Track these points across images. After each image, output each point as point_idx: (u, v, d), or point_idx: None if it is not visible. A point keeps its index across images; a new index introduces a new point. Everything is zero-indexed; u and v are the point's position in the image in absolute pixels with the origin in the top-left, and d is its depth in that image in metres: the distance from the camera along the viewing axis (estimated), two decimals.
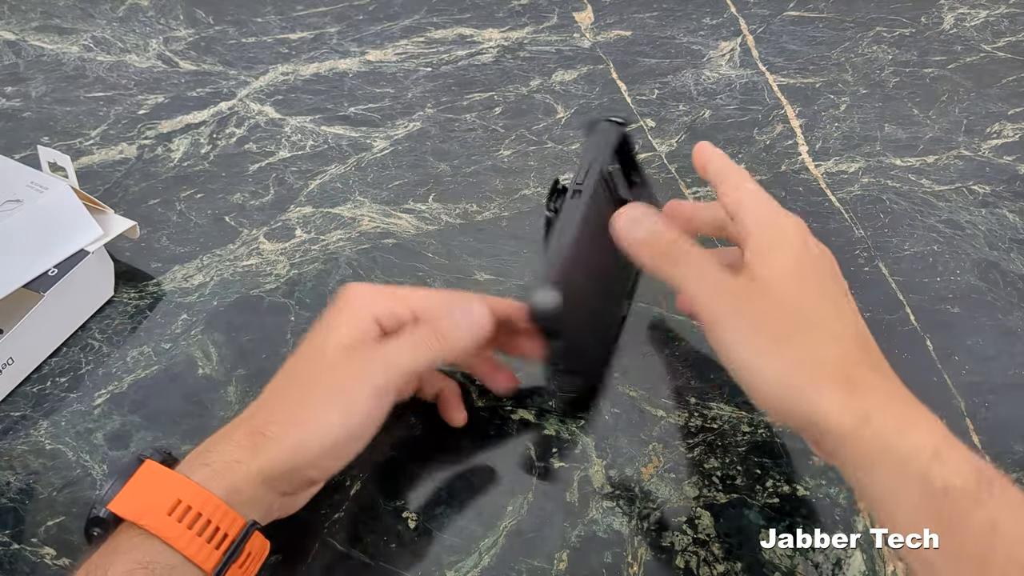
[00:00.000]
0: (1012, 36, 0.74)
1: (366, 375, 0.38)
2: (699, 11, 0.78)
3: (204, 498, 0.35)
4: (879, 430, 0.33)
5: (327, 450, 0.38)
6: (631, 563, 0.42)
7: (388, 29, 0.77)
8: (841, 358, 0.35)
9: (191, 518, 0.34)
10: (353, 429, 0.38)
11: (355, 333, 0.40)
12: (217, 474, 0.36)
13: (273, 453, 0.37)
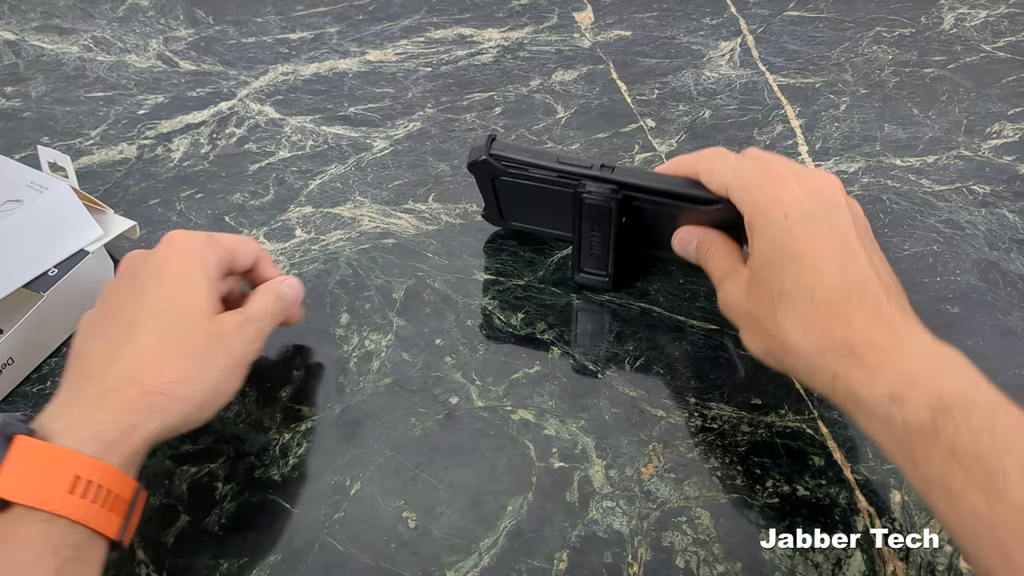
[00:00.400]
0: (1012, 36, 0.74)
1: (248, 346, 0.43)
2: (699, 11, 0.78)
3: (101, 470, 0.36)
4: (846, 387, 0.37)
5: (214, 410, 0.42)
6: (631, 563, 0.42)
7: (388, 29, 0.78)
8: (811, 316, 0.38)
9: (92, 492, 0.35)
10: (235, 390, 0.43)
11: (213, 295, 0.43)
12: (114, 444, 0.37)
13: (178, 412, 0.39)
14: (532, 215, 0.55)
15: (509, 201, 0.54)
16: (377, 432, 0.48)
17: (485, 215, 0.57)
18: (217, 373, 0.41)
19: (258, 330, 0.44)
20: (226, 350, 0.42)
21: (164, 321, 0.41)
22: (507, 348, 0.52)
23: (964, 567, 0.41)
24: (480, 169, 0.52)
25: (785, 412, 0.48)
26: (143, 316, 0.41)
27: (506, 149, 0.51)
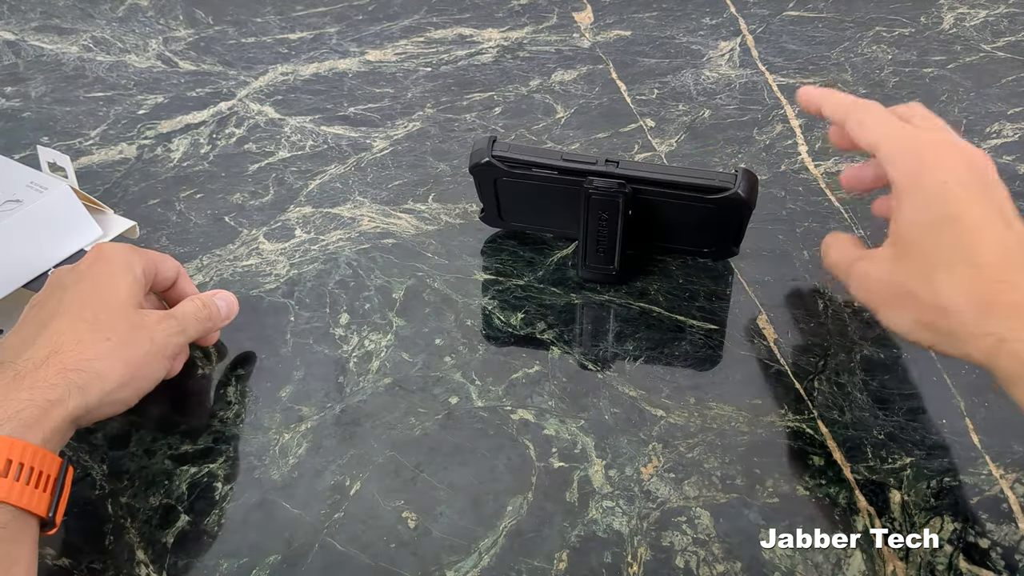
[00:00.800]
0: (1012, 36, 0.74)
1: (170, 338, 0.45)
2: (699, 11, 0.78)
3: (21, 448, 0.36)
4: (1014, 350, 0.35)
5: (136, 393, 0.43)
6: (631, 563, 0.42)
7: (388, 29, 0.78)
8: (970, 279, 0.37)
9: (24, 473, 0.36)
10: (159, 377, 0.45)
11: (136, 293, 0.45)
12: (32, 422, 0.37)
13: (97, 389, 0.40)
14: (534, 214, 0.55)
15: (510, 201, 0.55)
16: (377, 432, 0.48)
17: (483, 217, 0.57)
18: (137, 355, 0.42)
19: (180, 326, 0.46)
20: (147, 336, 0.43)
21: (83, 311, 0.42)
22: (507, 348, 0.52)
23: (964, 566, 0.41)
24: (483, 171, 0.52)
25: (785, 412, 0.48)
26: (62, 308, 0.42)
27: (509, 150, 0.51)
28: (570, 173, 0.50)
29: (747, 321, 0.53)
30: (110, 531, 0.44)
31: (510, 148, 0.52)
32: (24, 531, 0.36)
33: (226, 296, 0.50)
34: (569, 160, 0.50)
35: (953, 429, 0.47)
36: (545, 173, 0.51)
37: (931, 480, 0.44)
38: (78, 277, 0.44)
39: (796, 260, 0.56)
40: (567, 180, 0.50)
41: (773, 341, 0.51)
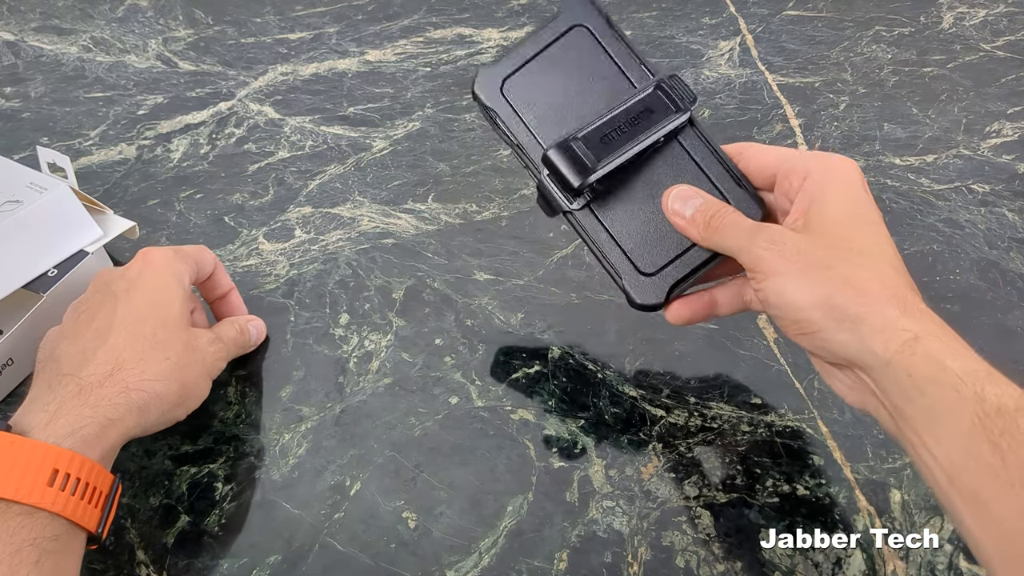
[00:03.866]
0: (1011, 35, 0.74)
1: (216, 362, 0.47)
2: (698, 11, 0.78)
3: (80, 463, 0.36)
4: (930, 351, 0.33)
5: (187, 409, 0.44)
6: (631, 563, 0.42)
7: (387, 29, 0.77)
8: (893, 280, 0.35)
9: (71, 484, 0.36)
10: (205, 396, 0.45)
11: (186, 307, 0.46)
12: (92, 438, 0.38)
13: (157, 409, 0.41)
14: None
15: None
16: (377, 432, 0.48)
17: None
18: (192, 376, 0.44)
19: (225, 350, 0.48)
20: (200, 358, 0.45)
21: (142, 327, 0.42)
22: (507, 348, 0.52)
23: (964, 566, 0.41)
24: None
25: (785, 412, 0.48)
26: (119, 321, 0.42)
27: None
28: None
29: (747, 321, 0.53)
30: (111, 531, 0.44)
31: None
32: (73, 544, 0.37)
33: (258, 325, 0.52)
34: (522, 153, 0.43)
35: None
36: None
37: None
38: (128, 285, 0.44)
39: None
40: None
41: (773, 341, 0.51)
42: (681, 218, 0.40)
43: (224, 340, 0.48)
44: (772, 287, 0.36)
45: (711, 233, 0.40)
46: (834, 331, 0.35)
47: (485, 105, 0.43)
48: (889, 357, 0.33)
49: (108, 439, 0.39)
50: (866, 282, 0.35)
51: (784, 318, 0.37)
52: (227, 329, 0.49)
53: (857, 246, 0.36)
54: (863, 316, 0.34)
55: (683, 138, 0.42)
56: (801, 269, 0.36)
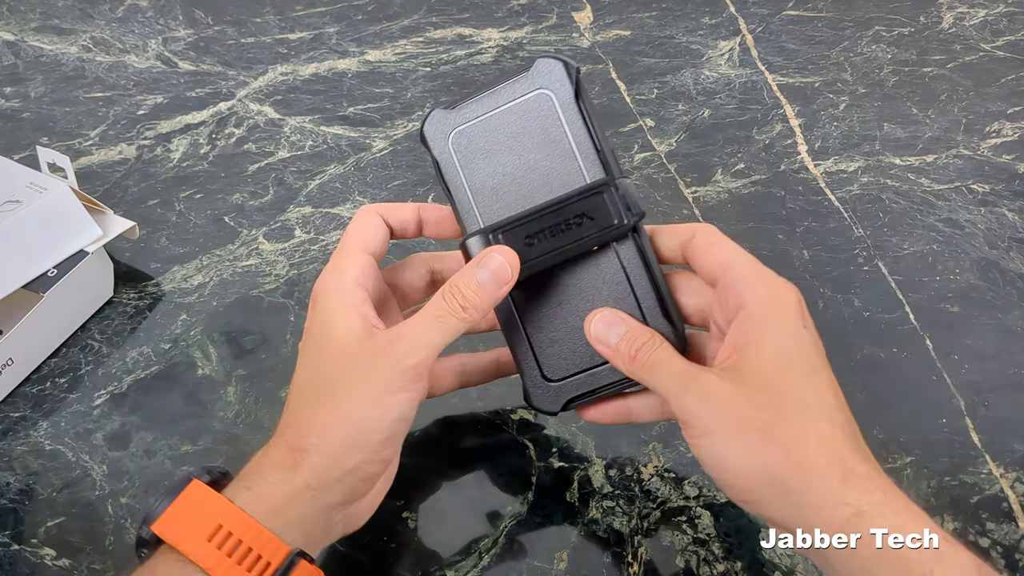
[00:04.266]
0: (1011, 35, 0.74)
1: (396, 360, 0.35)
2: (698, 11, 0.78)
3: (245, 524, 0.32)
4: (874, 527, 0.30)
5: (373, 448, 0.35)
6: (631, 563, 0.42)
7: (387, 29, 0.77)
8: (834, 441, 0.32)
9: (231, 545, 0.32)
10: (394, 422, 0.35)
11: (357, 318, 0.36)
12: (260, 497, 0.33)
13: (316, 464, 0.34)
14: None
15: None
16: None
17: None
18: (355, 414, 0.35)
19: (398, 342, 0.36)
20: (361, 382, 0.35)
21: (301, 370, 0.37)
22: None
23: None
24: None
25: None
26: (297, 377, 0.38)
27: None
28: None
29: None
30: (110, 531, 0.44)
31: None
32: None
33: (489, 261, 0.37)
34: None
35: (953, 428, 0.47)
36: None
37: (931, 479, 0.44)
38: (305, 335, 0.38)
39: (796, 260, 0.56)
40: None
41: None
42: (605, 346, 0.37)
43: (402, 328, 0.36)
44: (707, 448, 0.33)
45: (637, 368, 0.36)
46: (774, 504, 0.32)
47: (431, 152, 0.40)
48: (830, 541, 0.31)
49: (274, 499, 0.34)
50: (805, 449, 0.32)
51: (720, 481, 0.34)
52: (420, 312, 0.37)
53: (794, 400, 0.33)
54: (802, 490, 0.31)
55: (619, 245, 0.38)
56: (736, 430, 0.33)
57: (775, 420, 0.32)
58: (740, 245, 0.49)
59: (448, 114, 0.40)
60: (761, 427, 0.32)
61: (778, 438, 0.32)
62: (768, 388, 0.33)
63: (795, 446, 0.32)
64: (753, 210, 0.60)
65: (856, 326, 0.52)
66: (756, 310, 0.35)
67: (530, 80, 0.39)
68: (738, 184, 0.62)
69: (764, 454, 0.32)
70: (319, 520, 0.35)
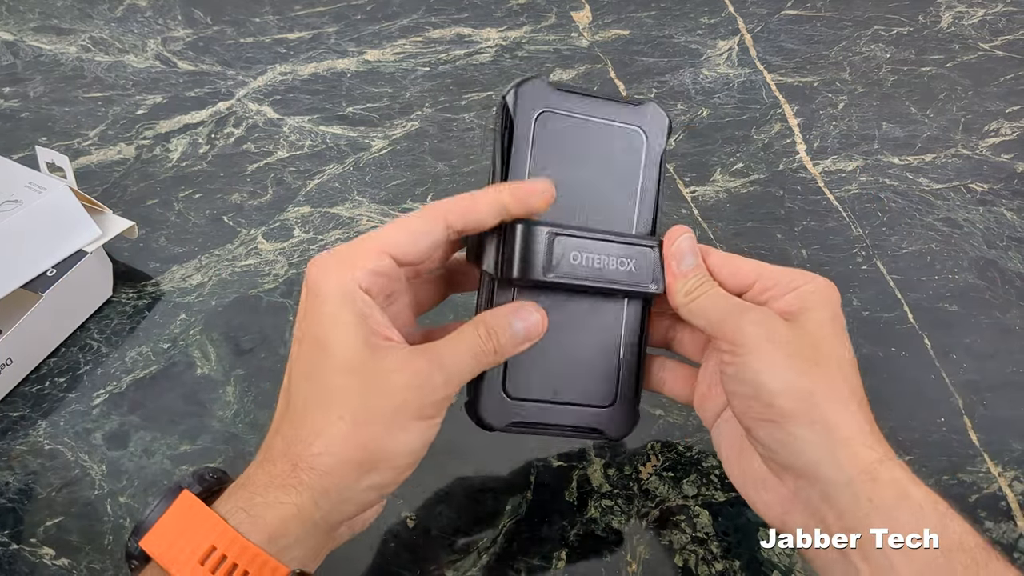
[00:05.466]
0: (1009, 34, 0.74)
1: (433, 390, 0.33)
2: (697, 10, 0.78)
3: (241, 547, 0.31)
4: (896, 476, 0.32)
5: (398, 471, 0.33)
6: (630, 562, 0.42)
7: (386, 29, 0.77)
8: (862, 402, 0.34)
9: (226, 569, 0.30)
10: (424, 445, 0.34)
11: (365, 329, 0.33)
12: (258, 518, 0.31)
13: (327, 485, 0.32)
14: None
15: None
16: None
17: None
18: (375, 432, 0.32)
19: (437, 373, 0.33)
20: (383, 401, 0.33)
21: (311, 384, 0.34)
22: None
23: None
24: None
25: None
26: (293, 381, 0.35)
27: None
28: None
29: None
30: (109, 531, 0.44)
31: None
32: None
33: (527, 314, 0.36)
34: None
35: (951, 427, 0.47)
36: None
37: (930, 478, 0.45)
38: (298, 331, 0.35)
39: (795, 259, 0.56)
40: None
41: None
42: (677, 264, 0.38)
43: (433, 356, 0.34)
44: (753, 363, 0.34)
45: (693, 299, 0.37)
46: (804, 428, 0.33)
47: (512, 113, 0.37)
48: (852, 475, 0.32)
49: (274, 521, 0.31)
50: (845, 393, 0.33)
51: (753, 399, 0.34)
52: (454, 342, 0.35)
53: (837, 355, 0.35)
54: (838, 423, 0.32)
55: (630, 304, 0.39)
56: (787, 355, 0.34)
57: (823, 360, 0.34)
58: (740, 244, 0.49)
59: (549, 91, 0.38)
60: (812, 359, 0.34)
61: (825, 372, 0.34)
62: (816, 338, 0.35)
63: (837, 388, 0.33)
64: (752, 209, 0.60)
65: (855, 325, 0.52)
66: (810, 291, 0.36)
67: (636, 114, 0.39)
68: (737, 183, 0.62)
69: (812, 380, 0.33)
70: (321, 537, 0.33)
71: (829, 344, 0.35)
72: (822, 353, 0.34)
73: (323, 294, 0.34)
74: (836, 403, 0.33)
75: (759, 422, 0.34)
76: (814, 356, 0.34)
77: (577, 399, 0.38)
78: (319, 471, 0.32)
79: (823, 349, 0.35)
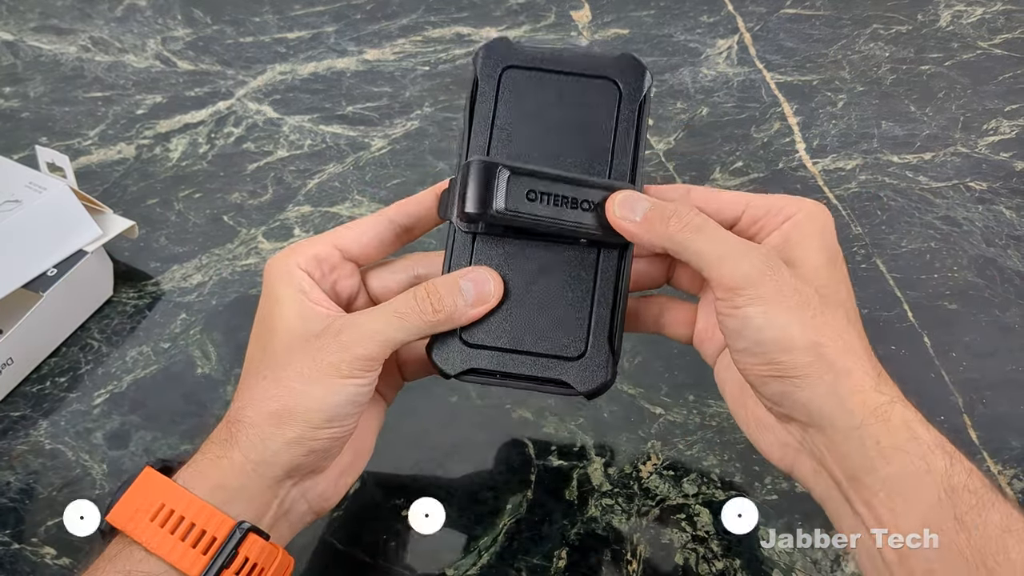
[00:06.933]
0: (1008, 33, 0.74)
1: (345, 347, 0.34)
2: (696, 9, 0.78)
3: (187, 501, 0.32)
4: (905, 418, 0.31)
5: (311, 423, 0.34)
6: (630, 560, 0.42)
7: (386, 28, 0.78)
8: (866, 345, 0.34)
9: (174, 522, 0.32)
10: (339, 404, 0.34)
11: (302, 300, 0.35)
12: (200, 473, 0.34)
13: (251, 436, 0.34)
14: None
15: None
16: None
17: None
18: (294, 387, 0.34)
19: (353, 328, 0.34)
20: (306, 358, 0.34)
21: (250, 353, 0.37)
22: None
23: None
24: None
25: None
26: (247, 355, 0.37)
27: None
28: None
29: None
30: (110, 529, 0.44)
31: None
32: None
33: (478, 275, 0.36)
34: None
35: (951, 425, 0.47)
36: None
37: None
38: (256, 315, 0.37)
39: None
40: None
41: None
42: (630, 222, 0.35)
43: (360, 316, 0.35)
44: (756, 318, 0.32)
45: (677, 231, 0.34)
46: (813, 381, 0.32)
47: (476, 72, 0.38)
48: (861, 420, 0.31)
49: (215, 475, 0.33)
50: (852, 338, 0.33)
51: (759, 353, 0.33)
52: (384, 304, 0.35)
53: (838, 298, 0.34)
54: (846, 372, 0.32)
55: (605, 254, 0.37)
56: (796, 306, 0.32)
57: (827, 306, 0.33)
58: None
59: (513, 48, 0.38)
60: (817, 308, 0.33)
61: (830, 320, 0.33)
62: (818, 280, 0.34)
63: (844, 334, 0.33)
64: None
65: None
66: (803, 219, 0.36)
67: (608, 66, 0.38)
68: (736, 182, 0.62)
69: (819, 332, 0.32)
70: (265, 494, 0.34)
71: (831, 282, 0.34)
72: (826, 295, 0.34)
73: (269, 279, 0.37)
74: (845, 353, 0.32)
75: (764, 379, 0.33)
76: (818, 301, 0.33)
77: (541, 349, 0.36)
78: (244, 423, 0.34)
79: (826, 290, 0.34)
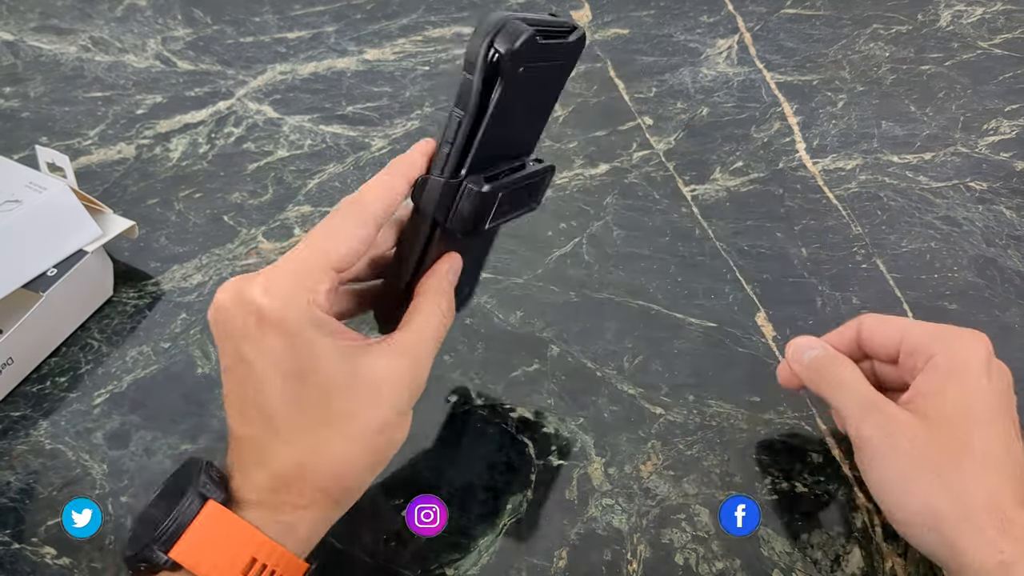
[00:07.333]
0: (1008, 33, 0.74)
1: (409, 386, 0.36)
2: (696, 9, 0.78)
3: (279, 555, 0.33)
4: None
5: (387, 460, 0.37)
6: (630, 560, 0.42)
7: (386, 28, 0.78)
8: (1000, 492, 0.34)
9: (256, 571, 0.33)
10: (406, 432, 0.37)
11: (339, 349, 0.34)
12: (290, 528, 0.34)
13: (344, 490, 0.35)
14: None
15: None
16: None
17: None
18: (376, 439, 0.35)
19: (420, 371, 0.37)
20: (368, 401, 0.35)
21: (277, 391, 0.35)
22: (506, 346, 0.52)
23: None
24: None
25: (783, 409, 0.48)
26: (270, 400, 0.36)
27: None
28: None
29: (746, 319, 0.53)
30: (110, 530, 0.44)
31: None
32: None
33: (457, 263, 0.39)
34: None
35: None
36: None
37: None
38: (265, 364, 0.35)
39: (795, 258, 0.56)
40: None
41: (771, 339, 0.52)
42: (797, 364, 0.41)
43: (417, 353, 0.36)
44: (877, 474, 0.36)
45: (822, 383, 0.40)
46: (930, 541, 0.35)
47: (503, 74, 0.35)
48: (973, 568, 0.33)
49: (303, 531, 0.35)
50: (971, 500, 0.34)
51: (881, 503, 0.37)
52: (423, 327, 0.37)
53: (970, 448, 0.35)
54: (960, 535, 0.33)
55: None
56: (910, 467, 0.35)
57: (948, 466, 0.34)
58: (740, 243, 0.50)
59: (535, 44, 0.34)
60: (935, 471, 0.34)
61: (949, 485, 0.34)
62: (946, 433, 0.35)
63: (963, 496, 0.34)
64: (751, 208, 0.60)
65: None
66: (943, 361, 0.37)
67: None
68: (736, 182, 0.62)
69: (933, 497, 0.34)
70: (313, 540, 0.36)
71: (958, 431, 0.35)
72: (949, 451, 0.35)
73: (288, 324, 0.32)
74: (961, 518, 0.34)
75: (891, 521, 0.37)
76: (939, 461, 0.35)
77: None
78: (340, 486, 0.35)
79: (951, 443, 0.35)
